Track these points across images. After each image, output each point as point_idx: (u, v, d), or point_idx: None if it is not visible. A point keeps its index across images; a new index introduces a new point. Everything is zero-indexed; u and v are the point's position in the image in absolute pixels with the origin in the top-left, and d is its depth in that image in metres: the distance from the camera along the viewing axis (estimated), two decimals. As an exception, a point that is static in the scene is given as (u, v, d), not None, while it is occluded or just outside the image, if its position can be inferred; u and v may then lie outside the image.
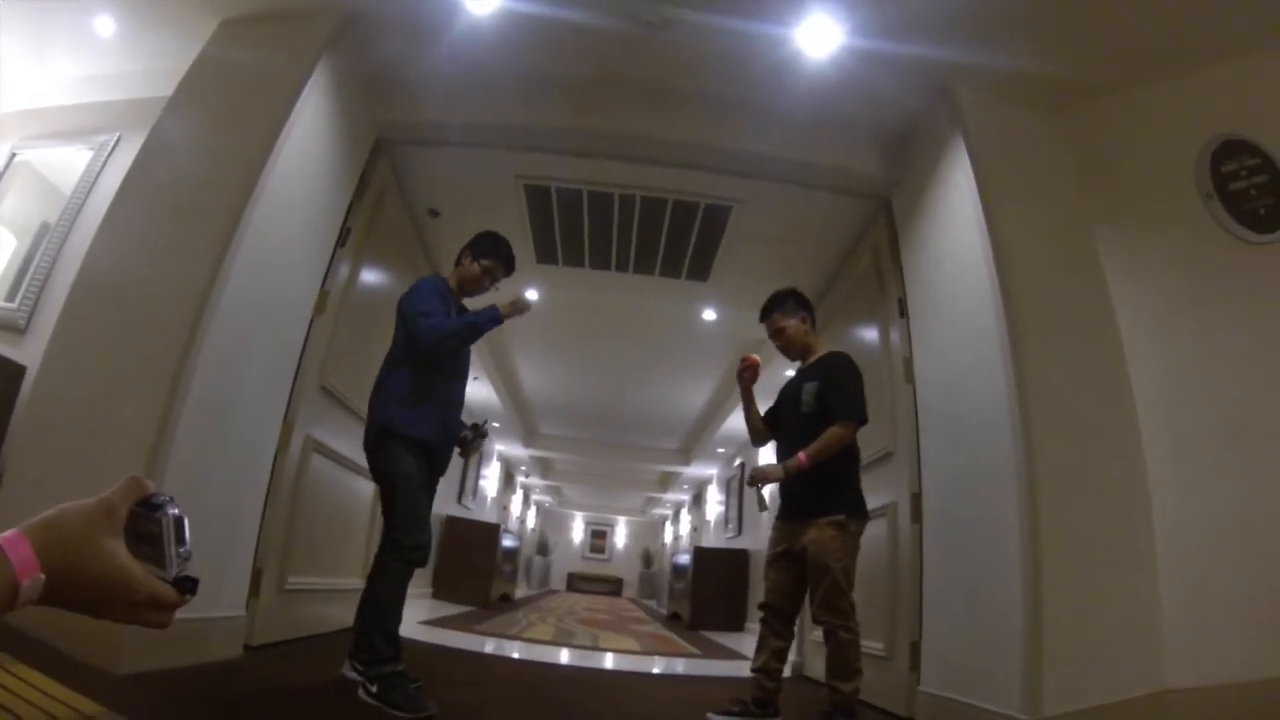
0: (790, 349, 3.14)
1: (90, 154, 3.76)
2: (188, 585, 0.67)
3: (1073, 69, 3.09)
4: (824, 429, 2.81)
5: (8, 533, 0.58)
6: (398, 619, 2.64)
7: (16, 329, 3.48)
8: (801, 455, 2.76)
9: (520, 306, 2.87)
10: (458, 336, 2.81)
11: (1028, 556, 2.49)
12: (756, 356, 3.15)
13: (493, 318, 2.83)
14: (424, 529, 2.70)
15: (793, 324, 3.10)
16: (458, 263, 3.06)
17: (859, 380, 2.97)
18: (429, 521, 2.78)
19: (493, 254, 3.02)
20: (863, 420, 2.84)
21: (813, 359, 3.07)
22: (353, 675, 2.57)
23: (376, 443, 2.75)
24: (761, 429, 3.21)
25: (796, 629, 2.94)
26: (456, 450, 3.00)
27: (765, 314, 3.18)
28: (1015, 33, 2.96)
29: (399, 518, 2.67)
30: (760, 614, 2.91)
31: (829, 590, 2.66)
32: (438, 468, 2.88)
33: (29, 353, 3.28)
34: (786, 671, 2.85)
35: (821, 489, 2.79)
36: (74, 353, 2.68)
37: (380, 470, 2.76)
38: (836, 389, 2.88)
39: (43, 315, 3.44)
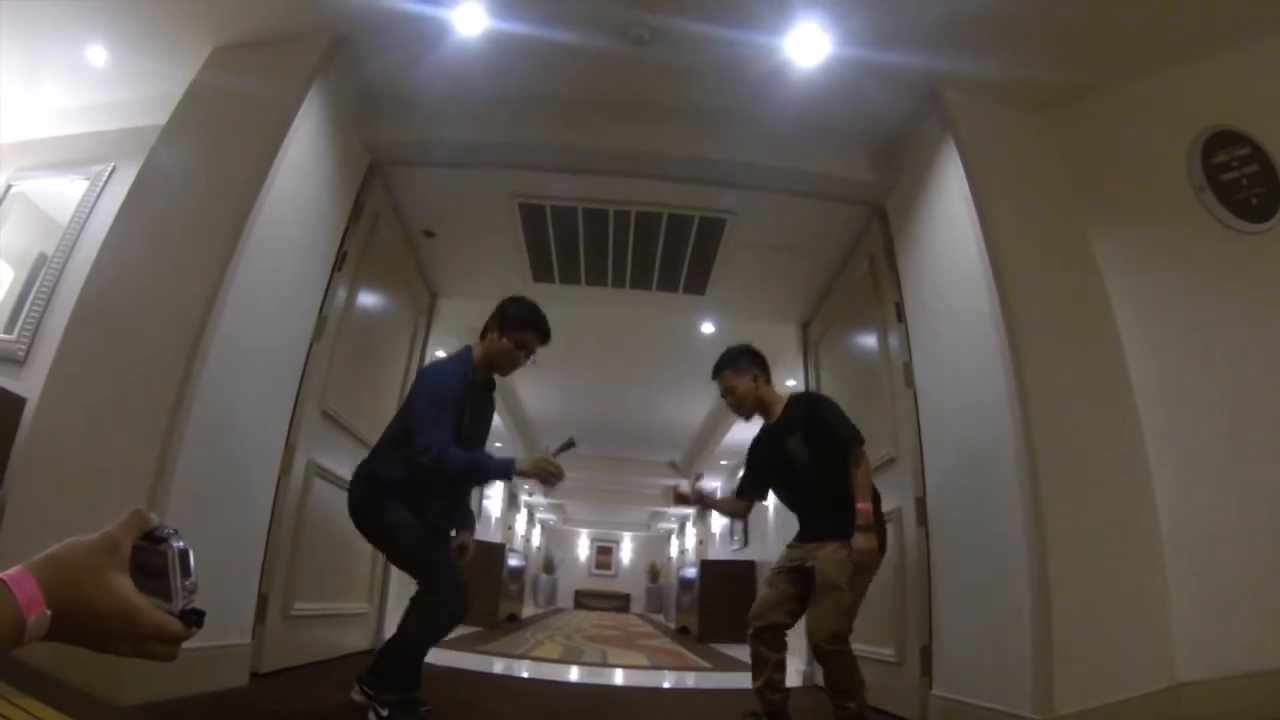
0: (742, 407, 3.08)
1: (86, 184, 3.78)
2: (194, 618, 0.67)
3: (1060, 69, 3.11)
4: (828, 472, 2.79)
5: (13, 570, 0.58)
6: (422, 658, 2.56)
7: (16, 360, 3.48)
8: (860, 506, 2.68)
9: (549, 472, 2.58)
10: (459, 477, 2.59)
11: (1034, 556, 2.48)
12: (681, 487, 3.10)
13: (504, 472, 2.55)
14: (455, 580, 2.54)
15: (743, 384, 3.03)
16: (484, 334, 2.80)
17: (835, 406, 2.97)
18: (456, 573, 2.61)
19: (525, 327, 2.75)
20: (862, 439, 2.82)
21: (778, 412, 3.01)
22: (360, 699, 2.55)
23: (357, 511, 2.62)
24: (741, 510, 3.16)
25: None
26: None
27: (716, 371, 3.11)
28: (1002, 35, 2.99)
29: (429, 579, 2.52)
30: (750, 630, 2.84)
31: (832, 606, 2.61)
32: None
33: (29, 384, 3.28)
34: (798, 681, 2.83)
35: (842, 512, 2.73)
36: (73, 383, 2.68)
37: (372, 528, 2.62)
38: (829, 429, 2.83)
39: (42, 346, 3.44)
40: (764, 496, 3.13)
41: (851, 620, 2.63)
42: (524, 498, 17.64)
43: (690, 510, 17.46)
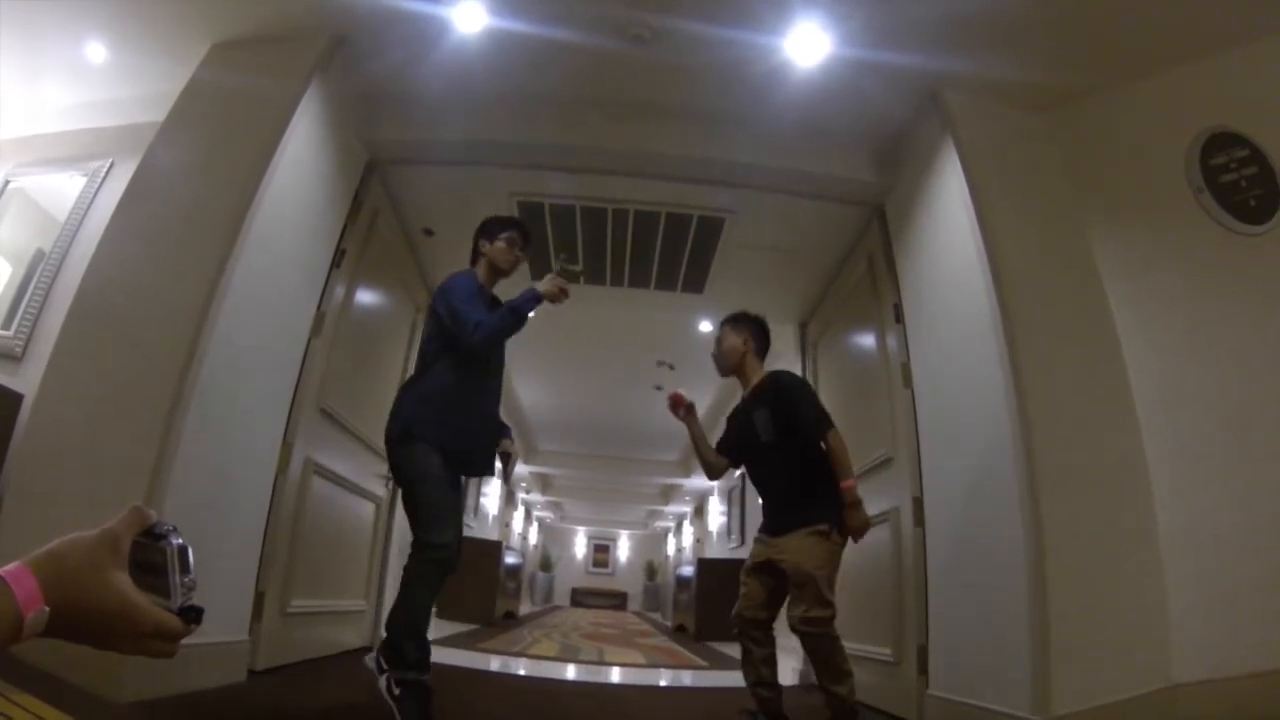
0: (721, 362, 3.10)
1: (84, 180, 3.77)
2: (193, 615, 0.67)
3: (1060, 70, 3.11)
4: (793, 456, 2.80)
5: (11, 566, 0.58)
6: (424, 621, 2.57)
7: (13, 356, 3.47)
8: (844, 484, 2.69)
9: (562, 286, 2.83)
10: (505, 330, 2.74)
11: (1032, 556, 2.48)
12: (679, 391, 3.13)
13: (533, 297, 2.77)
14: (446, 526, 2.60)
15: (732, 339, 3.05)
16: (476, 256, 3.00)
17: (808, 389, 2.99)
18: (456, 518, 2.70)
19: (505, 226, 3.00)
20: (832, 423, 2.82)
21: (754, 385, 3.02)
22: (372, 665, 2.55)
23: (399, 440, 2.67)
24: (713, 460, 3.16)
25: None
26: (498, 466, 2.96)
27: (722, 322, 3.16)
28: (1001, 36, 2.99)
29: (420, 516, 2.60)
30: (735, 629, 2.84)
31: (811, 598, 2.60)
32: (470, 470, 2.84)
33: (26, 380, 3.27)
34: (794, 680, 2.83)
35: (806, 501, 2.75)
36: (71, 379, 2.68)
37: (400, 470, 2.70)
38: (794, 409, 2.84)
39: (39, 342, 3.43)
40: (736, 464, 3.15)
41: (831, 609, 2.61)
42: (521, 495, 17.63)
43: (688, 508, 17.47)
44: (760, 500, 3.04)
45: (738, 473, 3.15)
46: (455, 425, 2.69)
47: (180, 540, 0.68)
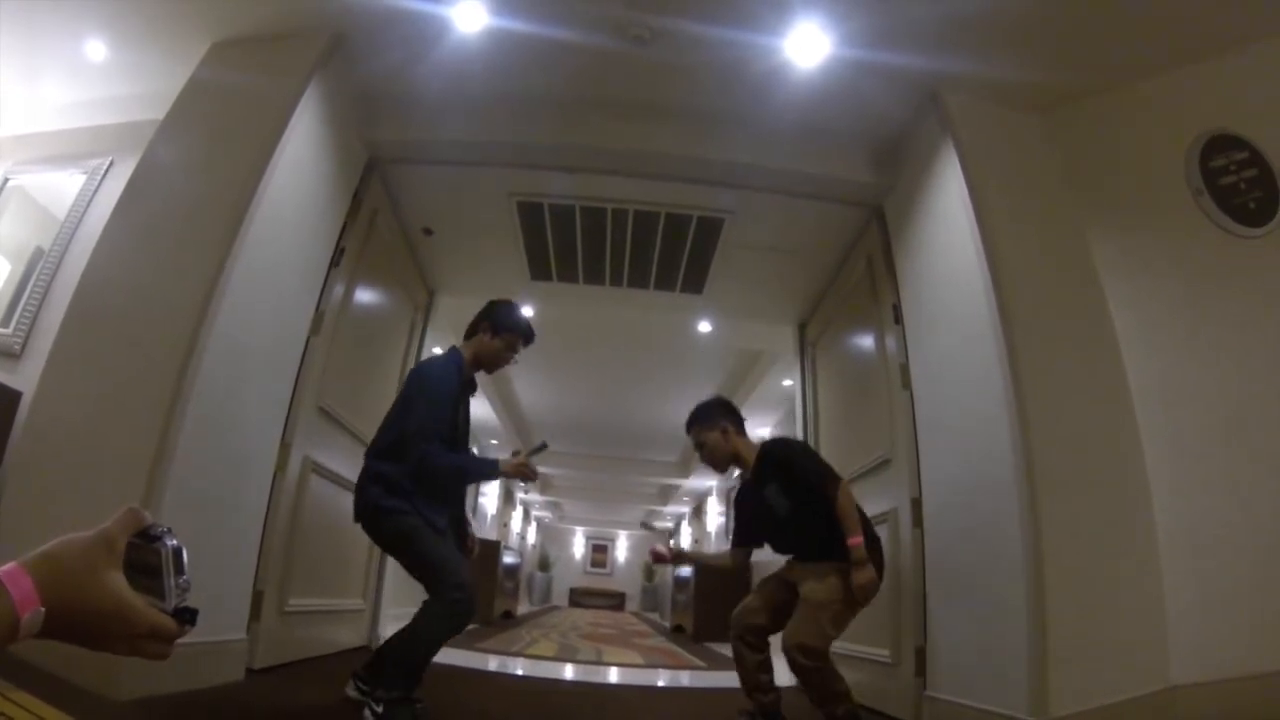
0: (715, 461, 3.06)
1: (83, 178, 3.77)
2: (187, 616, 0.67)
3: (1059, 72, 3.12)
4: (811, 517, 2.76)
5: (7, 566, 0.58)
6: (426, 661, 2.50)
7: (12, 354, 3.47)
8: (851, 542, 2.62)
9: (525, 473, 2.76)
10: (444, 479, 2.68)
11: (1030, 558, 2.48)
12: (658, 547, 3.15)
13: (487, 474, 2.76)
14: (459, 567, 2.55)
15: (713, 438, 3.01)
16: (472, 332, 2.92)
17: (803, 451, 2.99)
18: (463, 567, 2.61)
19: (513, 328, 2.91)
20: (837, 477, 2.78)
21: (753, 463, 2.98)
22: (355, 695, 2.54)
23: (372, 518, 2.63)
24: (730, 564, 3.13)
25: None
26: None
27: (688, 427, 3.10)
28: (1001, 37, 2.99)
29: (432, 566, 2.51)
30: (731, 631, 2.82)
31: (811, 623, 2.57)
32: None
33: (25, 378, 3.27)
34: (791, 680, 2.82)
35: (833, 546, 2.69)
36: (70, 377, 2.68)
37: (387, 535, 2.64)
38: (800, 475, 2.80)
39: (38, 340, 3.43)
40: (760, 544, 3.09)
41: (827, 643, 2.58)
42: (520, 495, 17.64)
43: (686, 509, 17.49)
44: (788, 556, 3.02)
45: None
46: (430, 501, 2.64)
47: (175, 542, 0.68)
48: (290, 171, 3.05)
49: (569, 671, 5.06)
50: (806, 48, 3.17)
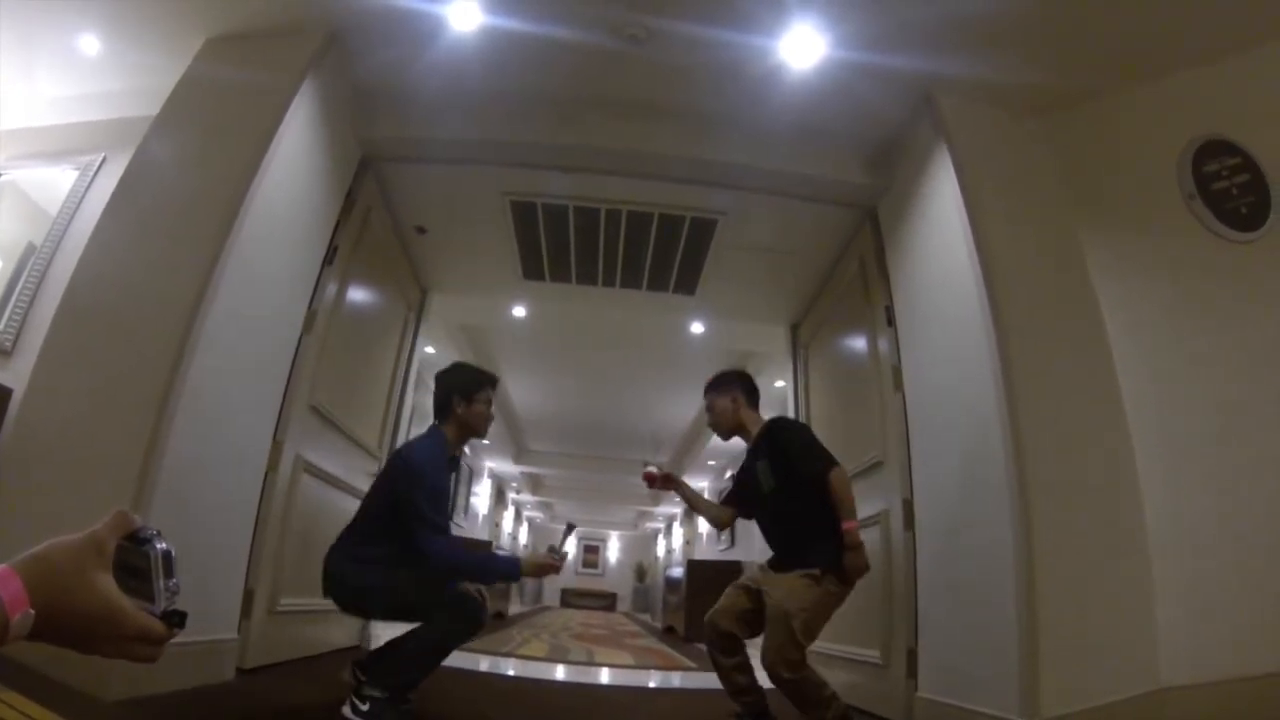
0: (718, 426, 3.09)
1: (76, 174, 3.74)
2: (176, 619, 0.67)
3: (1054, 75, 3.13)
4: (794, 504, 2.77)
5: None
6: (426, 671, 2.50)
7: (3, 351, 3.44)
8: (845, 526, 2.64)
9: (549, 570, 2.75)
10: (461, 574, 2.62)
11: (1021, 559, 2.49)
12: (651, 469, 3.15)
13: (507, 573, 2.77)
14: (455, 588, 2.54)
15: (722, 403, 3.04)
16: (444, 410, 2.81)
17: (806, 431, 2.99)
18: (455, 589, 2.59)
19: (478, 384, 2.84)
20: (833, 462, 2.77)
21: (754, 437, 3.01)
22: (348, 679, 2.52)
23: (339, 580, 2.57)
24: (716, 514, 3.16)
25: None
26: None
27: (705, 390, 3.14)
28: (996, 40, 3.00)
29: (434, 599, 2.49)
30: (706, 635, 2.81)
31: (784, 641, 2.54)
32: None
33: (15, 374, 3.24)
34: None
35: (805, 544, 2.72)
36: (61, 374, 2.66)
37: (353, 589, 2.57)
38: (795, 456, 2.80)
39: (28, 337, 3.40)
40: (747, 515, 3.10)
41: (802, 652, 2.56)
42: (511, 495, 17.62)
43: (679, 509, 17.48)
44: (766, 541, 3.02)
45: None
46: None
47: (164, 545, 0.68)
48: (284, 169, 3.03)
49: (560, 672, 5.05)
50: (802, 49, 3.17)
